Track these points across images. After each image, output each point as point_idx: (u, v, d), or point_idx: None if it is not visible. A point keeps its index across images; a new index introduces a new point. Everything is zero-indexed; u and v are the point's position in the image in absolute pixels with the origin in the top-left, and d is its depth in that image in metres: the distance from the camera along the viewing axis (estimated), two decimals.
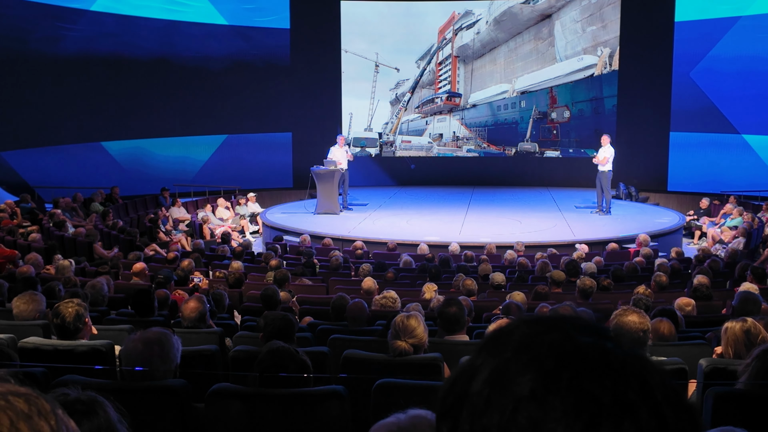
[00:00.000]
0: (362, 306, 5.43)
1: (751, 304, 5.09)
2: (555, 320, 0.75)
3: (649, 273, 8.86)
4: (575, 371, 0.68)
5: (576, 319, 0.76)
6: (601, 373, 0.68)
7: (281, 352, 3.11)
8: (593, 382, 0.67)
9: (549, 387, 0.67)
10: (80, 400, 1.46)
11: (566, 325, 0.74)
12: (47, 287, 6.36)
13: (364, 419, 3.38)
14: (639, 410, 0.67)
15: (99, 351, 3.92)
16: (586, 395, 0.66)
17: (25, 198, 13.81)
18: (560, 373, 0.68)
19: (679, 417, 0.69)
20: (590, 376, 0.68)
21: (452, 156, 20.45)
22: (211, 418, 3.06)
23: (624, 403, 0.67)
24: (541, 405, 0.67)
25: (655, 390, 0.69)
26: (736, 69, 17.34)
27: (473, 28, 20.02)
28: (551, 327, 0.74)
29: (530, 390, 0.68)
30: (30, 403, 0.76)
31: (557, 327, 0.74)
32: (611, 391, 0.67)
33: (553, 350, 0.70)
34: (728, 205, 15.28)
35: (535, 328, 0.74)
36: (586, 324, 0.75)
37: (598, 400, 0.66)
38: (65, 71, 16.37)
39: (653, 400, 0.68)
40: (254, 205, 16.48)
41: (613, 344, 0.72)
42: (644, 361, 0.72)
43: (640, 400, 0.67)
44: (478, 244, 11.89)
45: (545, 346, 0.71)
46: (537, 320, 0.76)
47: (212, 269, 9.55)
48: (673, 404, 0.69)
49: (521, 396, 0.68)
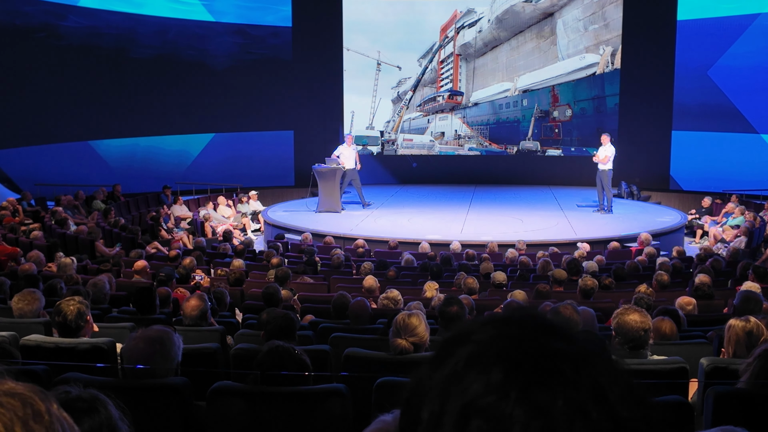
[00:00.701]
0: (364, 305, 5.44)
1: (753, 303, 5.08)
2: (506, 323, 0.74)
3: (650, 272, 8.85)
4: (524, 382, 0.67)
5: (529, 318, 0.75)
6: (551, 381, 0.67)
7: (280, 351, 3.12)
8: (543, 392, 0.66)
9: (498, 401, 0.67)
10: (81, 398, 1.46)
11: (517, 327, 0.73)
12: (49, 285, 6.36)
13: (366, 417, 3.39)
14: (590, 413, 0.66)
15: (100, 349, 3.92)
16: (535, 406, 0.66)
17: (26, 196, 13.83)
18: (508, 385, 0.67)
19: (633, 415, 0.68)
20: (539, 385, 0.67)
21: (454, 154, 20.45)
22: (212, 416, 3.06)
23: (575, 408, 0.66)
24: (491, 421, 0.66)
25: (607, 390, 0.68)
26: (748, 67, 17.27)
27: (475, 27, 20.01)
28: (500, 332, 0.72)
29: (480, 406, 0.67)
30: (25, 405, 0.76)
31: (506, 332, 0.72)
32: (561, 398, 0.66)
33: (500, 360, 0.69)
34: (730, 204, 15.27)
35: (485, 333, 0.73)
36: (539, 323, 0.74)
37: (548, 410, 0.65)
38: (64, 67, 16.38)
39: (606, 400, 0.68)
40: (256, 203, 16.48)
41: (563, 344, 0.71)
42: (598, 361, 0.71)
43: (592, 402, 0.67)
44: (479, 242, 11.88)
45: (492, 356, 0.70)
46: (486, 324, 0.74)
47: (214, 267, 9.55)
48: (627, 402, 0.69)
49: (470, 412, 0.67)
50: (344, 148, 15.43)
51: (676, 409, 2.95)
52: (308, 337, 4.89)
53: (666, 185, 18.48)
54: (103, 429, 1.41)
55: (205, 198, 16.76)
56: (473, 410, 0.67)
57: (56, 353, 3.89)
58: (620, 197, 17.20)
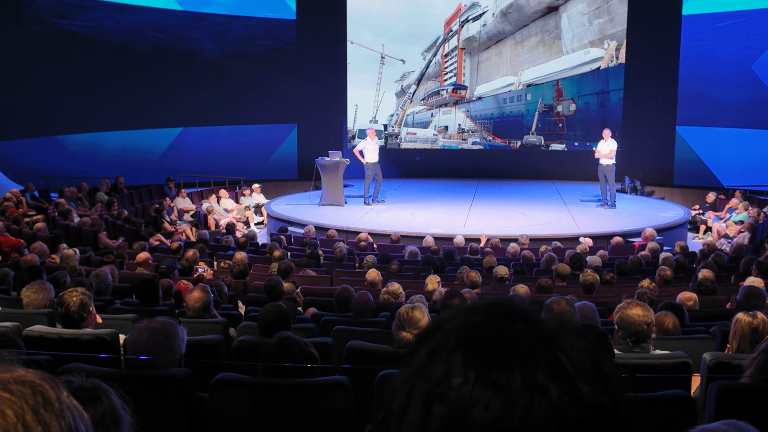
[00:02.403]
0: (368, 298, 5.44)
1: (756, 299, 5.07)
2: (471, 312, 0.75)
3: (653, 267, 8.84)
4: (481, 364, 0.68)
5: (493, 305, 0.76)
6: (509, 361, 0.68)
7: (290, 342, 3.11)
8: (500, 372, 0.68)
9: (459, 385, 0.68)
10: (84, 387, 1.47)
11: (480, 314, 0.74)
12: (53, 277, 6.37)
13: (368, 410, 3.39)
14: (548, 389, 0.67)
15: (103, 340, 3.93)
16: (494, 386, 0.67)
17: (29, 187, 13.85)
18: (467, 368, 0.68)
19: (595, 388, 0.69)
20: (497, 365, 0.68)
21: (457, 148, 20.42)
22: (214, 408, 3.07)
23: (532, 386, 0.67)
24: (452, 404, 0.67)
25: (567, 366, 0.69)
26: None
27: (480, 20, 19.95)
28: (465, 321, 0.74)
29: (441, 392, 0.68)
30: (36, 393, 0.76)
31: (470, 320, 0.74)
32: (519, 377, 0.67)
33: (461, 345, 0.70)
34: (734, 200, 15.23)
35: (451, 324, 0.74)
36: (502, 309, 0.75)
37: (507, 389, 0.67)
38: (69, 59, 16.38)
39: (565, 376, 0.68)
40: (259, 195, 16.49)
41: (523, 326, 0.72)
42: (558, 338, 0.72)
43: (549, 379, 0.68)
44: (482, 236, 11.87)
45: (453, 342, 0.71)
46: (454, 316, 0.76)
47: (216, 260, 9.56)
48: (588, 377, 0.69)
49: (432, 398, 0.68)
50: (367, 143, 15.10)
51: (679, 403, 2.95)
52: (311, 329, 4.90)
53: (670, 180, 18.44)
54: (105, 418, 1.41)
55: (208, 190, 16.77)
56: (435, 396, 0.68)
57: (59, 344, 3.90)
58: (624, 192, 17.18)
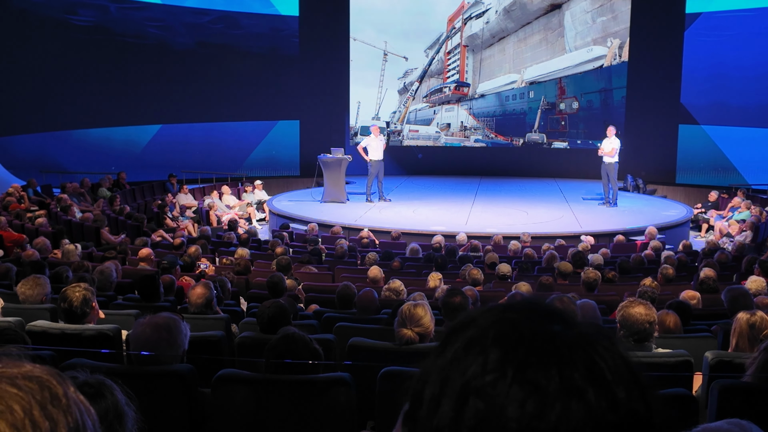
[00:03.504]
0: (372, 296, 5.45)
1: (742, 300, 5.03)
2: (506, 309, 0.75)
3: (655, 265, 8.84)
4: (520, 362, 0.68)
5: (530, 304, 0.76)
6: (547, 361, 0.68)
7: (295, 338, 3.12)
8: (538, 371, 0.67)
9: (495, 381, 0.68)
10: (88, 383, 1.47)
11: (517, 312, 0.74)
12: (55, 272, 6.39)
13: (370, 407, 3.40)
14: (586, 392, 0.67)
15: (106, 335, 3.94)
16: (531, 385, 0.67)
17: (32, 183, 13.86)
18: (505, 365, 0.68)
19: (631, 395, 0.69)
20: (536, 365, 0.68)
21: (460, 146, 20.41)
22: (216, 403, 3.07)
23: (570, 388, 0.67)
24: (488, 400, 0.67)
25: (605, 371, 0.69)
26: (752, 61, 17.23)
27: (483, 18, 19.93)
28: (500, 317, 0.74)
29: (477, 386, 0.68)
30: (43, 388, 0.76)
31: (506, 316, 0.74)
32: (557, 377, 0.67)
33: (498, 341, 0.70)
34: (736, 199, 15.22)
35: (486, 319, 0.74)
36: (539, 309, 0.75)
37: (544, 389, 0.66)
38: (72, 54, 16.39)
39: (602, 380, 0.68)
40: (261, 192, 16.49)
41: (561, 328, 0.72)
42: (594, 342, 0.72)
43: (587, 382, 0.67)
44: (484, 234, 11.88)
45: (490, 338, 0.71)
46: (488, 311, 0.76)
47: (218, 256, 9.57)
48: (625, 383, 0.69)
49: (468, 392, 0.68)
50: (371, 139, 15.02)
51: (681, 401, 2.95)
52: (312, 326, 4.91)
53: (672, 179, 18.43)
54: (109, 414, 1.42)
55: (210, 187, 16.78)
56: (471, 390, 0.68)
57: (62, 339, 3.91)
58: (626, 190, 17.17)
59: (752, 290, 6.01)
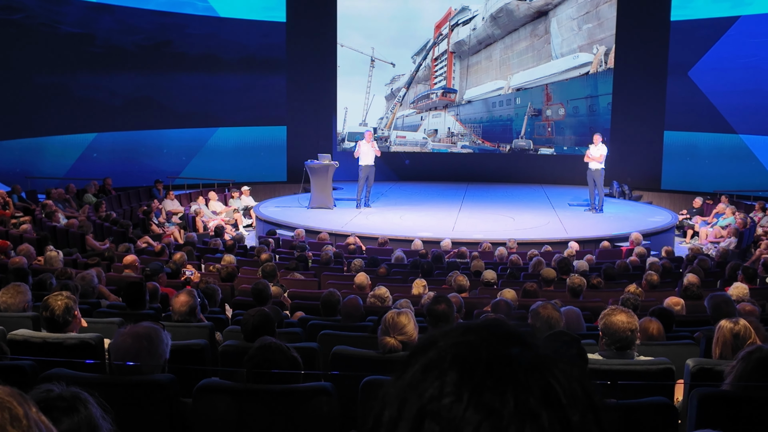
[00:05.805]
0: (357, 303, 5.44)
1: (725, 307, 5.05)
2: (467, 331, 0.76)
3: (640, 272, 8.88)
4: (476, 385, 0.69)
5: (490, 326, 0.77)
6: (503, 384, 0.69)
7: (272, 348, 3.11)
8: (494, 395, 0.68)
9: (451, 404, 0.68)
10: (62, 397, 1.46)
11: (476, 335, 0.75)
12: (38, 279, 6.34)
13: (353, 416, 3.39)
14: (540, 416, 0.68)
15: (88, 344, 3.91)
16: (487, 408, 0.68)
17: (16, 189, 13.75)
18: (461, 388, 0.69)
19: (585, 418, 0.70)
20: (491, 388, 0.69)
21: (447, 152, 20.45)
22: (198, 414, 3.06)
23: (524, 412, 0.68)
24: (444, 423, 0.68)
25: (560, 394, 0.70)
26: (736, 68, 17.36)
27: (469, 24, 20.00)
28: (460, 340, 0.74)
29: (433, 409, 0.69)
30: (3, 409, 0.75)
31: (466, 339, 0.74)
32: (512, 401, 0.68)
33: (456, 364, 0.71)
34: (720, 205, 15.33)
35: (446, 341, 0.75)
36: (498, 331, 0.76)
37: (499, 412, 0.67)
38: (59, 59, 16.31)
39: (557, 403, 0.69)
40: (248, 198, 16.45)
41: (519, 350, 0.73)
42: (551, 365, 0.72)
43: (542, 406, 0.68)
44: (471, 240, 11.89)
45: (448, 361, 0.72)
46: (449, 332, 0.76)
47: (204, 262, 9.53)
48: (580, 406, 0.70)
49: (425, 415, 0.69)
50: (363, 144, 15.04)
51: (660, 410, 2.96)
52: (297, 334, 4.89)
53: (657, 185, 18.54)
54: (82, 428, 1.41)
55: (196, 193, 16.72)
56: (427, 413, 0.69)
57: (43, 348, 3.88)
58: (612, 197, 17.26)
59: (735, 297, 6.04)
